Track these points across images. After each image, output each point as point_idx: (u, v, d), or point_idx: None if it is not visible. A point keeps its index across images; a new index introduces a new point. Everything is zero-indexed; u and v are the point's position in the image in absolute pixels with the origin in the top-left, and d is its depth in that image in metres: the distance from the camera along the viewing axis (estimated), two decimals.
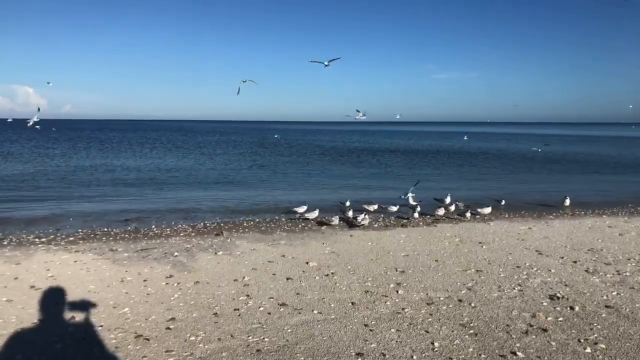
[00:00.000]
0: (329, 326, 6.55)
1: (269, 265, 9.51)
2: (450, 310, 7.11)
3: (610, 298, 7.61)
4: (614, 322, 6.64)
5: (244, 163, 36.64)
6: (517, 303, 7.40)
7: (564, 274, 8.88)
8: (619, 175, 30.40)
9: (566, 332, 6.32)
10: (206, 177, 27.38)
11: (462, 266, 9.47)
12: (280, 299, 7.62)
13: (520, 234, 12.50)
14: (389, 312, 7.06)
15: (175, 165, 33.59)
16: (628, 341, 6.02)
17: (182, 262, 9.78)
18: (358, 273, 9.00)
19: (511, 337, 6.17)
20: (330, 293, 7.90)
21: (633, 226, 13.37)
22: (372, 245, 11.28)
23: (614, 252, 10.47)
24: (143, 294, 7.86)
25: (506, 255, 10.26)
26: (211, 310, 7.13)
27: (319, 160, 39.46)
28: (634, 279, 8.58)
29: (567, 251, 10.62)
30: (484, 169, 33.92)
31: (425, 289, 8.08)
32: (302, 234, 12.63)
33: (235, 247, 11.01)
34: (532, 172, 31.78)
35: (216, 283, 8.42)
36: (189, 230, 13.09)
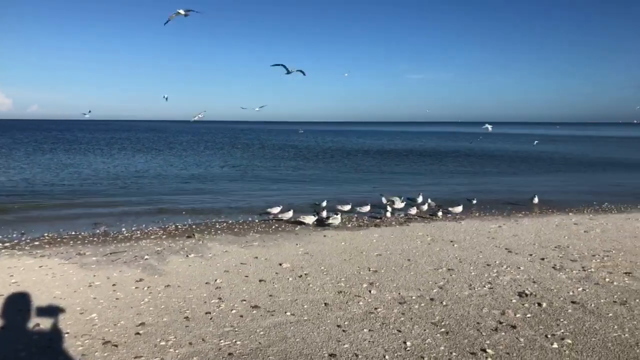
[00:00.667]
0: (301, 328, 6.52)
1: (242, 268, 9.42)
2: (422, 309, 7.17)
3: (576, 294, 7.81)
4: (580, 317, 6.82)
5: (216, 163, 36.28)
6: (488, 301, 7.53)
7: (533, 271, 9.08)
8: (583, 173, 31.32)
9: (534, 328, 6.45)
10: (177, 178, 26.99)
11: (433, 265, 9.58)
12: (253, 301, 7.55)
13: (490, 232, 12.72)
14: (362, 312, 7.08)
15: (146, 166, 33.01)
16: (594, 336, 6.19)
17: (153, 265, 9.60)
18: (331, 273, 9.00)
19: (481, 334, 6.26)
20: (303, 294, 7.88)
21: (598, 223, 13.77)
22: (345, 245, 11.31)
23: (579, 249, 10.77)
24: (112, 298, 7.68)
25: (477, 254, 10.42)
26: (182, 314, 7.01)
27: (292, 161, 39.41)
28: (599, 274, 8.84)
29: (535, 249, 10.86)
30: (454, 168, 34.47)
31: (397, 289, 8.13)
32: (276, 235, 12.57)
33: (207, 250, 10.87)
34: (501, 171, 32.44)
35: (187, 286, 8.29)
36: (160, 232, 12.88)
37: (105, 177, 26.39)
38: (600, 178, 28.27)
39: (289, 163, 37.46)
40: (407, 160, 40.84)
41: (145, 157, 41.48)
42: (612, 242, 11.44)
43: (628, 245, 11.06)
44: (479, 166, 36.10)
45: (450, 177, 28.65)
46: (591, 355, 5.65)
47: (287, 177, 28.21)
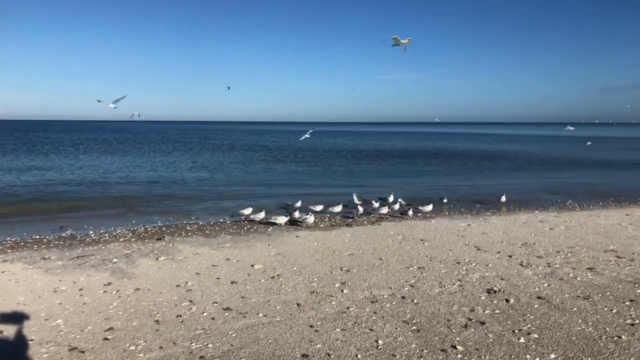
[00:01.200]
0: (274, 329, 6.50)
1: (213, 270, 9.32)
2: (394, 308, 7.25)
3: (542, 289, 8.03)
4: (546, 312, 7.02)
5: (185, 164, 35.78)
6: (457, 298, 7.66)
7: (501, 268, 9.29)
8: (545, 171, 32.17)
9: (502, 323, 6.61)
10: (146, 179, 26.44)
11: (405, 263, 9.69)
12: (225, 303, 7.49)
13: (460, 230, 12.95)
14: (334, 311, 7.11)
15: (113, 167, 32.25)
16: (559, 330, 6.38)
17: (122, 268, 9.41)
18: (304, 274, 9.01)
19: (451, 331, 6.37)
20: (275, 295, 7.85)
21: (562, 220, 14.20)
22: (317, 245, 11.33)
23: (545, 246, 11.08)
24: (78, 303, 7.48)
25: (447, 252, 10.60)
26: (152, 318, 6.90)
27: (262, 161, 39.18)
28: (563, 270, 9.11)
29: (503, 246, 11.12)
30: (423, 168, 34.95)
31: (369, 288, 8.20)
32: (248, 236, 12.49)
33: (178, 252, 10.71)
34: (469, 170, 33.05)
35: (158, 289, 8.15)
36: (129, 235, 12.61)
37: (71, 179, 25.64)
38: (561, 176, 29.09)
39: (259, 164, 37.24)
40: (378, 160, 41.18)
41: (114, 157, 40.56)
42: (576, 238, 11.81)
43: (590, 242, 11.44)
44: (447, 165, 36.69)
45: (419, 177, 29.01)
46: (556, 349, 5.83)
47: (259, 177, 28.03)
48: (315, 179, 27.47)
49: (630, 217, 14.61)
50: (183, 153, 47.37)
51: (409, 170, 33.53)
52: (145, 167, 33.49)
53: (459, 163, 38.68)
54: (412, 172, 32.22)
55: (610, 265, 9.44)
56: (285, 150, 54.43)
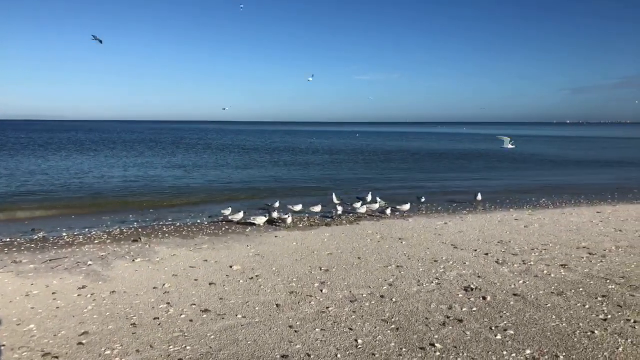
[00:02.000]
0: (253, 330, 6.46)
1: (191, 271, 9.21)
2: (373, 307, 7.29)
3: (517, 287, 8.18)
4: (521, 309, 7.15)
5: (160, 164, 35.27)
6: (435, 296, 7.74)
7: (477, 266, 9.42)
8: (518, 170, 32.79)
9: (479, 321, 6.70)
10: (121, 179, 25.93)
11: (383, 262, 9.75)
12: (203, 305, 7.41)
13: (437, 229, 13.09)
14: (314, 312, 7.11)
15: (86, 167, 31.56)
16: (534, 326, 6.50)
17: (97, 271, 9.22)
18: (283, 274, 8.98)
19: (430, 329, 6.44)
20: (254, 296, 7.81)
21: (536, 219, 14.49)
22: (297, 245, 11.30)
23: (520, 244, 11.28)
24: (52, 308, 7.31)
25: (425, 250, 10.70)
26: (129, 321, 6.78)
27: (239, 161, 38.89)
28: (538, 267, 9.30)
29: (479, 244, 11.28)
30: (401, 167, 35.21)
31: (348, 287, 8.22)
32: (226, 237, 12.38)
33: (155, 254, 10.56)
34: (445, 169, 33.45)
35: (134, 292, 8.02)
36: (104, 237, 12.36)
37: (42, 179, 25.00)
38: (534, 175, 29.68)
39: (235, 163, 36.93)
40: (356, 160, 41.33)
41: (87, 157, 39.69)
42: (550, 236, 12.06)
43: (564, 239, 11.70)
44: (423, 164, 37.06)
45: (397, 176, 29.20)
46: (532, 345, 5.94)
47: (236, 177, 27.80)
48: (294, 179, 27.39)
49: (601, 215, 15.00)
50: (157, 153, 46.67)
51: (386, 169, 33.72)
52: (119, 167, 32.88)
53: (435, 162, 39.12)
54: (389, 171, 32.42)
55: (582, 262, 9.66)
56: (262, 150, 54.13)
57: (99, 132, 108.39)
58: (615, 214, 15.13)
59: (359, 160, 40.91)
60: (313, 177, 28.36)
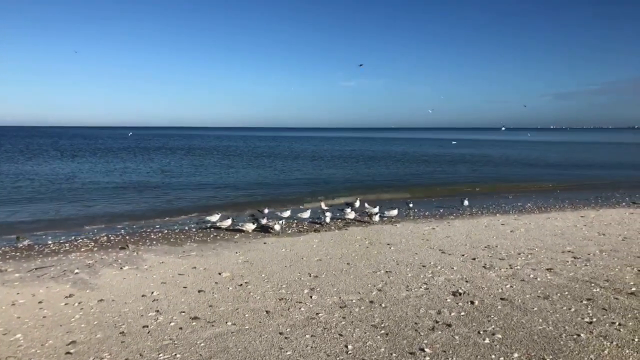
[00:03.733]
0: (243, 337, 6.46)
1: (180, 278, 9.17)
2: (363, 312, 7.32)
3: (504, 291, 8.28)
4: (509, 313, 7.25)
5: (146, 169, 34.98)
6: (424, 301, 7.81)
7: (465, 271, 9.52)
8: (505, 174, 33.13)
9: (468, 325, 6.78)
10: (106, 185, 25.62)
11: (372, 268, 9.80)
12: (192, 312, 7.39)
13: (424, 234, 13.20)
14: (304, 318, 7.12)
15: (68, 173, 31.17)
16: (521, 330, 6.59)
17: (84, 279, 9.14)
18: (272, 281, 8.98)
19: (419, 334, 6.49)
20: (244, 303, 7.80)
21: (522, 223, 14.67)
22: (285, 251, 11.31)
23: (506, 248, 11.42)
24: (38, 317, 7.23)
25: (413, 256, 10.78)
26: (117, 329, 6.73)
27: (226, 166, 38.72)
28: (524, 271, 9.42)
29: (467, 249, 11.39)
30: (385, 171, 35.34)
31: (338, 293, 8.25)
32: (214, 243, 12.34)
33: (143, 261, 10.49)
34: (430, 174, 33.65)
35: (122, 300, 7.96)
36: (91, 244, 12.25)
37: (26, 186, 24.66)
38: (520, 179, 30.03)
39: (222, 169, 36.75)
40: (345, 165, 41.41)
41: (69, 163, 39.18)
42: (535, 240, 12.23)
43: (549, 243, 11.87)
44: (409, 169, 37.25)
45: (384, 181, 29.33)
46: (519, 348, 6.02)
47: (223, 183, 27.67)
48: (282, 185, 27.36)
49: (585, 219, 15.24)
50: (144, 158, 46.30)
51: (373, 174, 33.84)
52: (104, 172, 32.55)
53: (422, 167, 39.35)
54: (376, 176, 32.54)
55: (567, 266, 9.82)
56: (248, 155, 53.98)
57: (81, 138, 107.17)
58: (598, 218, 15.39)
59: (348, 166, 41.01)
60: (301, 183, 28.36)
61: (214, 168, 37.51)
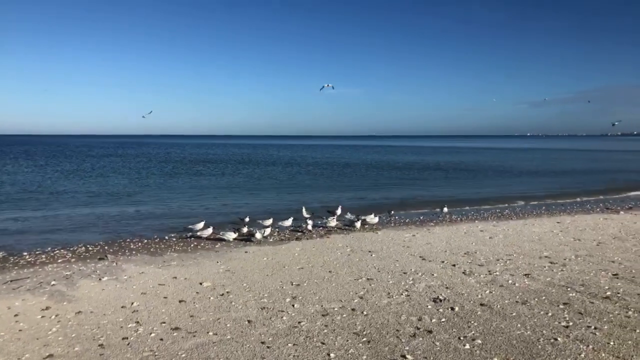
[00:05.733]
0: (225, 347, 6.42)
1: (160, 289, 9.07)
2: (345, 320, 7.35)
3: (484, 297, 8.40)
4: (488, 318, 7.36)
5: (120, 177, 34.45)
6: (405, 308, 7.88)
7: (445, 277, 9.63)
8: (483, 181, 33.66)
9: (448, 331, 6.86)
10: (81, 194, 25.13)
11: (354, 275, 9.85)
12: (173, 323, 7.31)
13: (405, 241, 13.31)
14: (286, 327, 7.12)
15: (42, 182, 30.52)
16: (500, 335, 6.70)
17: (61, 291, 8.96)
18: (254, 290, 8.95)
19: (401, 341, 6.55)
20: (225, 313, 7.76)
21: (500, 229, 14.91)
22: (267, 260, 11.28)
23: (485, 254, 11.59)
24: (14, 330, 7.06)
25: (394, 263, 10.86)
26: (96, 342, 6.62)
27: (206, 175, 38.44)
28: (503, 277, 9.58)
29: (447, 255, 11.53)
30: (369, 180, 35.54)
31: (320, 301, 8.26)
32: (195, 253, 12.23)
33: (122, 271, 10.34)
34: (411, 181, 33.98)
35: (101, 311, 7.84)
36: (68, 255, 12.01)
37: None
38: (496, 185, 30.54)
39: (202, 177, 36.47)
40: (325, 173, 41.51)
41: (41, 171, 38.37)
42: (513, 246, 12.44)
43: (526, 249, 12.09)
44: (389, 177, 37.53)
45: (365, 189, 29.46)
46: (499, 353, 6.12)
47: (203, 191, 27.44)
48: (263, 193, 27.25)
49: (561, 225, 15.56)
50: (119, 166, 45.64)
51: (354, 182, 33.98)
52: (79, 181, 31.95)
53: (401, 174, 39.69)
54: (358, 184, 32.68)
55: (544, 271, 10.02)
56: (227, 163, 53.68)
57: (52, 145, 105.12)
58: (573, 224, 15.73)
59: (328, 173, 41.09)
60: (282, 191, 28.29)
61: (192, 176, 37.19)
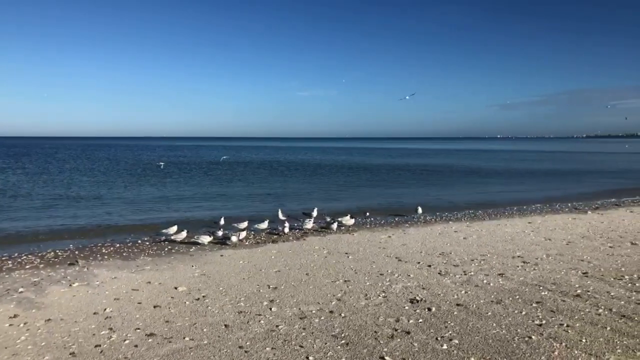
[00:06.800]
0: (202, 352, 6.32)
1: (134, 294, 8.87)
2: (323, 323, 7.33)
3: (459, 297, 8.51)
4: (464, 318, 7.45)
5: (89, 180, 33.63)
6: (383, 309, 7.91)
7: (421, 278, 9.72)
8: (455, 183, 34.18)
9: (426, 332, 6.91)
10: (50, 196, 24.41)
11: (331, 277, 9.84)
12: (148, 328, 7.16)
13: (381, 242, 13.38)
14: (264, 330, 7.05)
15: (4, 184, 29.53)
16: (476, 334, 6.79)
17: (30, 298, 8.67)
18: (230, 294, 8.84)
19: (379, 342, 6.56)
20: (202, 317, 7.64)
21: (474, 230, 15.15)
22: (243, 263, 11.17)
23: (460, 255, 11.75)
24: None
25: (370, 264, 10.90)
26: (67, 350, 6.43)
27: (178, 177, 37.87)
28: (478, 277, 9.72)
29: (422, 256, 11.64)
30: (344, 181, 35.64)
31: (297, 304, 8.22)
32: (169, 257, 12.02)
33: (94, 277, 10.08)
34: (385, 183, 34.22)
35: (72, 319, 7.61)
36: (36, 261, 11.63)
37: None
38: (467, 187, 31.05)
39: (174, 179, 35.85)
40: (300, 175, 41.45)
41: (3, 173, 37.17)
42: (487, 246, 12.65)
43: (500, 249, 12.31)
44: (364, 179, 37.73)
45: (340, 191, 29.53)
46: (475, 353, 6.20)
47: (176, 194, 26.97)
48: (238, 195, 26.98)
49: (532, 225, 15.91)
50: (89, 169, 44.56)
51: (329, 184, 34.01)
52: (45, 183, 31.00)
53: (375, 176, 39.96)
54: (333, 186, 32.72)
55: (517, 270, 10.21)
56: (201, 166, 53.02)
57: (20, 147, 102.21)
58: (544, 224, 16.10)
59: (303, 175, 41.04)
60: (258, 193, 28.09)
61: (166, 179, 36.55)
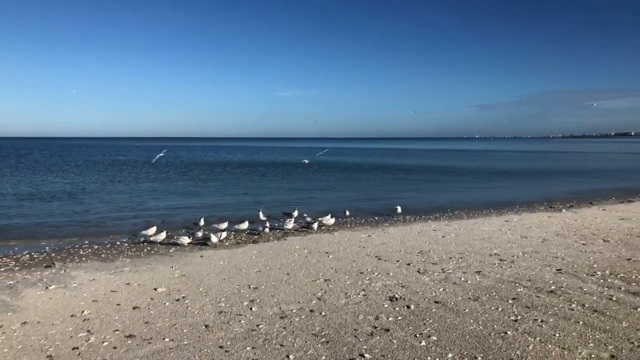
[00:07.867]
0: (182, 353, 6.31)
1: (113, 296, 8.79)
2: (303, 322, 7.38)
3: (438, 294, 8.65)
4: (443, 315, 7.58)
5: (63, 181, 33.02)
6: (362, 307, 7.99)
7: (400, 276, 9.84)
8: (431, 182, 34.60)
9: (405, 329, 7.02)
10: (24, 197, 23.95)
11: (311, 277, 9.89)
12: (127, 330, 7.11)
13: (361, 241, 13.49)
14: (244, 330, 7.07)
15: None
16: (454, 331, 6.92)
17: (5, 301, 8.52)
18: (210, 294, 8.82)
19: (359, 340, 6.64)
20: (182, 318, 7.61)
21: (452, 229, 15.37)
22: (224, 264, 11.14)
23: (438, 253, 11.92)
24: None
25: (350, 263, 10.99)
26: (44, 353, 6.35)
27: (153, 178, 37.50)
28: (455, 275, 9.89)
29: (401, 255, 11.78)
30: (324, 181, 35.73)
31: (278, 303, 8.25)
32: (149, 258, 11.92)
33: (71, 279, 9.94)
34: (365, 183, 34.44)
35: (49, 321, 7.51)
36: (11, 263, 11.42)
37: None
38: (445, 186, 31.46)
39: (149, 180, 35.37)
40: (282, 175, 41.39)
41: None
42: (465, 245, 12.86)
43: (477, 247, 12.53)
44: (344, 179, 37.87)
45: (321, 191, 29.61)
46: (453, 349, 6.33)
47: (153, 195, 26.69)
48: (219, 196, 26.82)
49: (509, 224, 16.22)
50: (63, 170, 43.76)
51: (310, 184, 34.06)
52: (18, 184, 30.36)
53: (354, 176, 40.13)
54: (313, 186, 32.78)
55: (494, 268, 10.42)
56: (179, 166, 52.56)
57: None
58: (520, 222, 16.43)
59: (283, 176, 40.99)
60: (238, 193, 27.99)
61: (145, 180, 36.11)
